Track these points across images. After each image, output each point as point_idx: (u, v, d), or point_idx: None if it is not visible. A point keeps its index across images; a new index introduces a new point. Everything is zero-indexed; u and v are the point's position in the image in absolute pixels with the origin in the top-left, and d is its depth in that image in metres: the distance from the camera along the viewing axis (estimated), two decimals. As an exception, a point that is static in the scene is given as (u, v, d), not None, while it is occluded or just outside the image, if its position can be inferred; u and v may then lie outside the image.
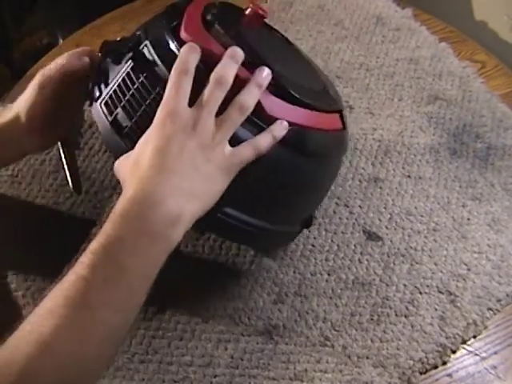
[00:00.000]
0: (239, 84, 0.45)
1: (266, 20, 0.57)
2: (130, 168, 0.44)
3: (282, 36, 0.62)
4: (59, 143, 0.71)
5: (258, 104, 0.46)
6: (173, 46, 0.47)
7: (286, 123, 0.47)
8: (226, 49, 0.46)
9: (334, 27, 0.87)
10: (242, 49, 0.47)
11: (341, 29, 0.87)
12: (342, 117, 0.55)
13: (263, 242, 0.57)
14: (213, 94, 0.44)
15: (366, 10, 0.90)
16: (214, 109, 0.44)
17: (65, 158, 0.70)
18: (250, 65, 0.47)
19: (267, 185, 0.49)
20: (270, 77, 0.46)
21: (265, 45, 0.53)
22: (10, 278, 0.62)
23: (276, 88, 0.47)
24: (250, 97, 0.45)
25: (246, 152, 0.45)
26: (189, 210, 0.43)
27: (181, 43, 0.47)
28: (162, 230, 0.41)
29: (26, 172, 0.70)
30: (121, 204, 0.42)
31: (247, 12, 0.52)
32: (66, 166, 0.69)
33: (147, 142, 0.44)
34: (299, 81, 0.51)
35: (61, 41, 1.06)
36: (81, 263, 0.40)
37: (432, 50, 0.84)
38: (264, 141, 0.46)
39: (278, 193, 0.51)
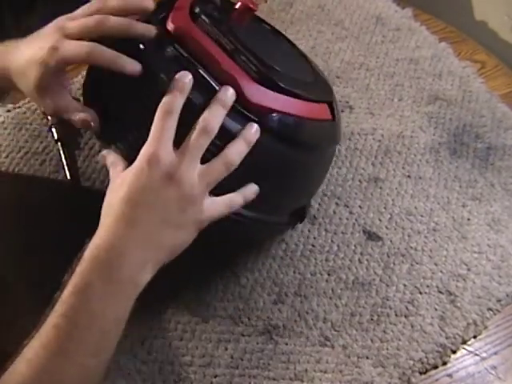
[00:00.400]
0: (223, 76, 0.46)
1: (267, 19, 0.57)
2: (105, 207, 0.45)
3: (274, 29, 0.62)
4: (59, 143, 0.71)
5: (240, 91, 0.46)
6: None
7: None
8: (212, 40, 0.47)
9: (334, 27, 0.87)
10: (228, 38, 0.47)
11: (341, 29, 0.87)
12: (331, 108, 0.55)
13: (249, 232, 0.56)
14: (197, 142, 0.44)
15: (366, 9, 0.90)
16: (197, 157, 0.44)
17: (65, 158, 0.70)
18: (236, 54, 0.47)
19: (252, 173, 0.49)
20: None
21: (253, 37, 0.52)
22: (10, 277, 0.62)
23: (259, 76, 0.47)
24: (237, 154, 0.46)
25: (221, 208, 0.46)
26: (155, 259, 0.44)
27: (167, 34, 0.48)
28: (127, 278, 0.43)
29: (25, 172, 0.70)
30: (90, 250, 0.43)
31: (237, 6, 0.52)
32: (66, 166, 0.69)
33: (122, 183, 0.44)
34: (286, 71, 0.51)
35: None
36: (55, 312, 0.42)
37: (432, 50, 0.84)
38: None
39: (263, 181, 0.50)
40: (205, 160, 0.46)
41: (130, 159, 0.46)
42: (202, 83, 0.46)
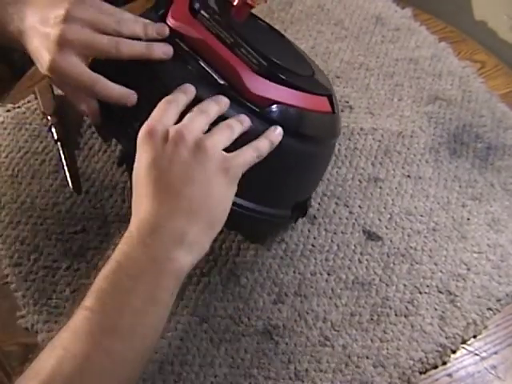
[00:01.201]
0: (225, 69, 0.46)
1: (267, 19, 0.57)
2: (134, 189, 0.44)
3: (270, 26, 0.62)
4: (59, 143, 0.71)
5: (241, 83, 0.46)
6: None
7: (280, 129, 0.47)
8: (212, 34, 0.48)
9: (333, 27, 0.87)
10: (228, 32, 0.48)
11: (341, 29, 0.87)
12: (331, 102, 0.55)
13: (252, 225, 0.56)
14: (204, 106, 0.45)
15: (366, 9, 0.90)
16: (205, 113, 0.45)
17: (65, 158, 0.70)
18: (236, 47, 0.47)
19: (253, 165, 0.49)
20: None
21: (251, 31, 0.53)
22: (10, 278, 0.62)
23: (260, 68, 0.47)
24: (234, 120, 0.46)
25: (247, 153, 0.45)
26: (192, 229, 0.42)
27: (168, 27, 0.49)
28: (163, 254, 0.41)
29: (25, 172, 0.70)
30: (125, 235, 0.42)
31: (235, 2, 0.53)
32: (65, 166, 0.69)
33: (139, 161, 0.43)
34: (285, 64, 0.51)
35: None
36: (87, 297, 0.41)
37: (432, 50, 0.84)
38: (263, 144, 0.46)
39: (265, 173, 0.50)
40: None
41: (129, 153, 0.46)
42: (204, 76, 0.46)
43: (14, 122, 0.75)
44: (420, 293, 0.60)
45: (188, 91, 0.46)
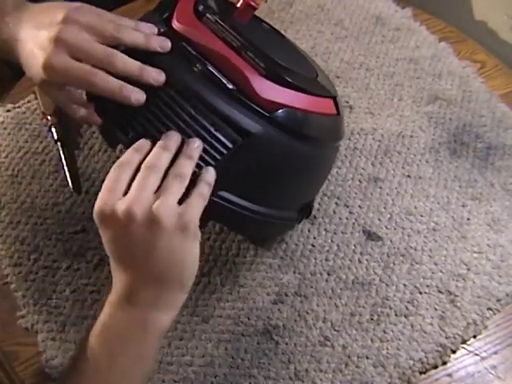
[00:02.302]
0: (228, 67, 0.46)
1: (267, 19, 0.57)
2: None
3: (273, 28, 0.62)
4: (59, 143, 0.71)
5: (250, 87, 0.46)
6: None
7: (212, 169, 0.46)
8: (219, 37, 0.47)
9: (333, 27, 0.87)
10: (234, 35, 0.47)
11: (341, 29, 0.87)
12: (336, 103, 0.55)
13: (260, 228, 0.56)
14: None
15: (366, 9, 0.90)
16: (154, 174, 0.43)
17: (65, 158, 0.70)
18: (243, 50, 0.47)
19: (262, 168, 0.49)
20: (200, 148, 0.45)
21: (257, 34, 0.53)
22: (10, 278, 0.62)
23: (267, 71, 0.47)
24: (183, 166, 0.44)
25: (197, 203, 0.43)
26: (163, 292, 0.44)
27: (173, 33, 0.48)
28: (142, 317, 0.43)
29: (25, 172, 0.70)
30: (107, 301, 0.45)
31: (239, 4, 0.53)
32: (65, 166, 0.69)
33: (102, 238, 0.44)
34: (291, 67, 0.51)
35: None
36: (77, 356, 0.44)
37: (432, 50, 0.84)
38: (205, 190, 0.44)
39: (273, 176, 0.50)
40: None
41: None
42: (212, 81, 0.46)
43: (14, 122, 0.75)
44: (420, 293, 0.60)
45: (143, 147, 0.44)
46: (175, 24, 0.49)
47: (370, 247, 0.64)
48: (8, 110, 0.76)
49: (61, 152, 0.70)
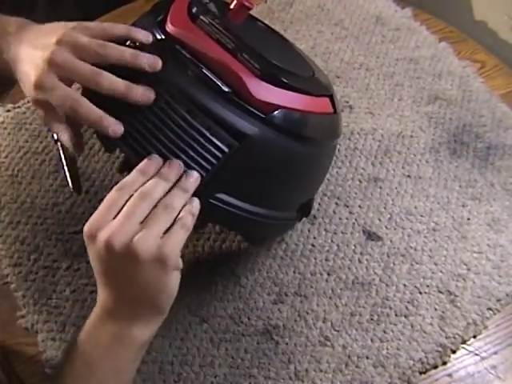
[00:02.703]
0: (223, 69, 0.46)
1: (267, 19, 0.57)
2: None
3: (269, 27, 0.62)
4: (59, 143, 0.71)
5: (246, 89, 0.46)
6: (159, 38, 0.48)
7: (197, 200, 0.46)
8: (213, 39, 0.47)
9: (333, 27, 0.87)
10: (228, 37, 0.47)
11: (341, 29, 0.87)
12: (332, 102, 0.55)
13: (259, 229, 0.56)
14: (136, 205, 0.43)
15: (366, 9, 0.90)
16: (139, 211, 0.43)
17: (65, 158, 0.70)
18: (237, 52, 0.47)
19: (259, 169, 0.49)
20: (198, 181, 0.45)
21: (251, 35, 0.53)
22: (10, 278, 0.62)
23: (263, 73, 0.47)
24: (176, 198, 0.44)
25: (178, 235, 0.44)
26: (139, 313, 0.45)
27: (167, 36, 0.48)
28: (120, 332, 0.45)
29: (25, 172, 0.70)
30: (92, 312, 0.46)
31: (233, 4, 0.52)
32: (65, 166, 0.69)
33: (93, 259, 0.45)
34: (286, 67, 0.51)
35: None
36: (61, 363, 0.46)
37: (432, 50, 0.84)
38: (188, 220, 0.44)
39: (270, 177, 0.50)
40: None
41: (129, 161, 0.46)
42: (207, 84, 0.46)
43: (14, 122, 0.75)
44: (420, 293, 0.60)
45: (148, 170, 0.45)
46: (169, 27, 0.49)
47: (369, 247, 0.64)
48: (8, 110, 0.76)
49: (61, 152, 0.70)
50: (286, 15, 0.89)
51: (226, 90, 0.46)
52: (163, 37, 0.48)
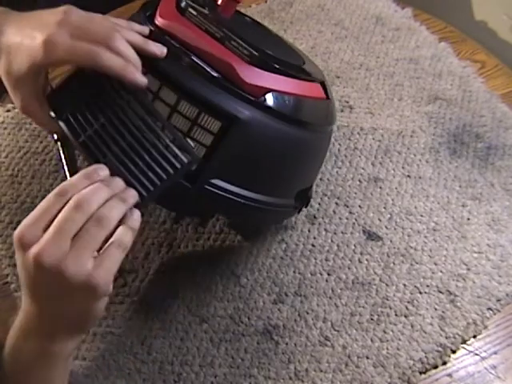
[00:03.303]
0: (217, 61, 0.46)
1: (267, 19, 0.57)
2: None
3: (258, 23, 0.63)
4: (59, 143, 0.71)
5: (235, 74, 0.46)
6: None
7: (138, 212, 0.43)
8: (201, 29, 0.48)
9: (333, 27, 0.87)
10: (217, 27, 0.48)
11: (341, 29, 0.87)
12: (324, 88, 0.55)
13: (255, 216, 0.55)
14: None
15: (366, 9, 0.90)
16: (66, 229, 0.40)
17: (65, 158, 0.70)
18: (226, 40, 0.48)
19: (253, 153, 0.49)
20: (136, 198, 0.42)
21: (240, 25, 0.54)
22: (10, 278, 0.62)
23: (252, 58, 0.47)
24: (113, 209, 0.41)
25: (113, 255, 0.41)
26: (59, 330, 0.44)
27: (156, 28, 0.49)
28: (41, 345, 0.43)
29: (26, 172, 0.70)
30: (16, 320, 0.45)
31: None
32: (65, 166, 0.69)
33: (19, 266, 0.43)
34: (276, 54, 0.51)
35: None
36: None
37: (432, 50, 0.84)
38: (126, 237, 0.42)
39: (265, 161, 0.50)
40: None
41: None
42: (197, 71, 0.46)
43: (14, 121, 0.75)
44: (420, 293, 0.60)
45: (93, 175, 0.42)
46: (158, 19, 0.49)
47: (370, 247, 0.64)
48: (8, 110, 0.76)
49: (61, 152, 0.70)
50: (285, 15, 0.89)
51: (216, 75, 0.46)
52: (152, 29, 0.49)
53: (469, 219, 0.66)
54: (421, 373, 0.56)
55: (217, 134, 0.46)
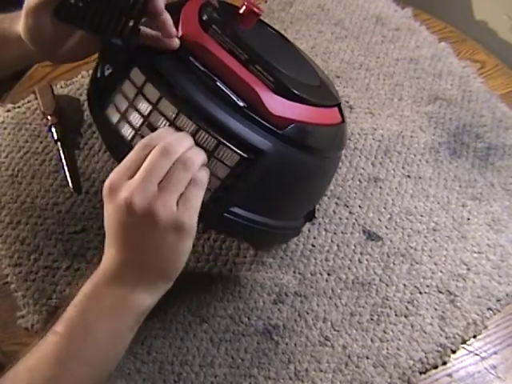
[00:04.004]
0: (238, 83, 0.46)
1: (266, 19, 0.57)
2: (106, 230, 0.45)
3: (277, 32, 0.62)
4: (59, 143, 0.71)
5: (261, 104, 0.46)
6: None
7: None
8: (225, 50, 0.47)
9: (333, 27, 0.87)
10: (240, 47, 0.47)
11: (341, 29, 0.87)
12: (340, 110, 0.55)
13: (268, 238, 0.57)
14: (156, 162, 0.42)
15: (366, 9, 0.90)
16: (153, 173, 0.42)
17: (65, 158, 0.70)
18: (251, 64, 0.47)
19: (272, 183, 0.49)
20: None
21: (261, 43, 0.53)
22: (10, 278, 0.62)
23: (277, 86, 0.47)
24: (194, 155, 0.43)
25: (194, 196, 0.43)
26: (144, 279, 0.44)
27: (180, 46, 0.47)
28: (122, 295, 0.44)
29: (26, 172, 0.70)
30: (94, 273, 0.46)
31: (242, 10, 0.52)
32: (65, 166, 0.69)
33: (105, 210, 0.44)
34: (298, 77, 0.51)
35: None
36: (58, 322, 0.44)
37: (432, 50, 0.84)
38: (202, 175, 0.44)
39: (282, 189, 0.51)
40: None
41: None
42: (222, 98, 0.46)
43: (14, 121, 0.75)
44: (420, 293, 0.60)
45: (174, 133, 0.44)
46: (181, 37, 0.48)
47: (370, 247, 0.64)
48: (8, 110, 0.76)
49: (61, 152, 0.70)
50: (285, 15, 0.89)
51: (242, 104, 0.46)
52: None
53: (469, 219, 0.66)
54: (421, 373, 0.56)
55: (234, 167, 0.46)
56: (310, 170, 0.52)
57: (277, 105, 0.47)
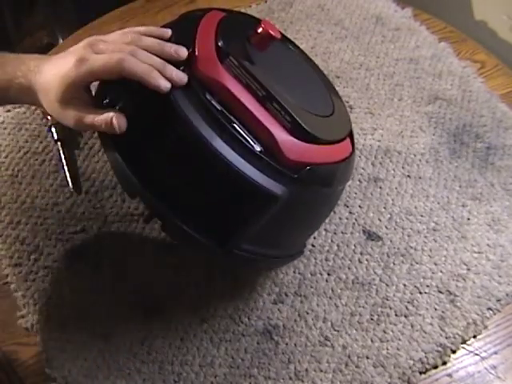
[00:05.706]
0: (255, 125, 0.45)
1: (266, 19, 0.56)
2: None
3: (293, 45, 0.60)
4: (59, 143, 0.71)
5: (278, 148, 0.45)
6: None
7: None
8: (242, 85, 0.46)
9: (333, 27, 0.87)
10: (257, 81, 0.46)
11: (341, 29, 0.87)
12: (351, 138, 0.56)
13: (275, 264, 0.59)
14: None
15: (366, 9, 0.90)
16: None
17: (65, 158, 0.70)
18: (267, 100, 0.46)
19: (284, 221, 0.49)
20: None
21: (277, 68, 0.52)
22: (10, 278, 0.62)
23: (293, 126, 0.46)
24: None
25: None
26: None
27: (196, 80, 0.46)
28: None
29: (26, 172, 0.70)
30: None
31: (259, 31, 0.50)
32: (65, 166, 0.69)
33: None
34: (313, 109, 0.50)
35: (61, 41, 1.06)
36: None
37: (432, 50, 0.84)
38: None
39: (293, 226, 0.51)
40: None
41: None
42: (239, 143, 0.45)
43: (14, 121, 0.75)
44: (420, 293, 0.60)
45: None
46: (198, 69, 0.47)
47: (370, 247, 0.64)
48: (8, 110, 0.76)
49: (61, 152, 0.70)
50: (285, 15, 0.89)
51: (258, 149, 0.45)
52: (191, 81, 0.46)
53: (469, 219, 0.66)
54: (421, 373, 0.56)
55: (247, 209, 0.46)
56: (322, 203, 0.53)
57: (293, 149, 0.46)
